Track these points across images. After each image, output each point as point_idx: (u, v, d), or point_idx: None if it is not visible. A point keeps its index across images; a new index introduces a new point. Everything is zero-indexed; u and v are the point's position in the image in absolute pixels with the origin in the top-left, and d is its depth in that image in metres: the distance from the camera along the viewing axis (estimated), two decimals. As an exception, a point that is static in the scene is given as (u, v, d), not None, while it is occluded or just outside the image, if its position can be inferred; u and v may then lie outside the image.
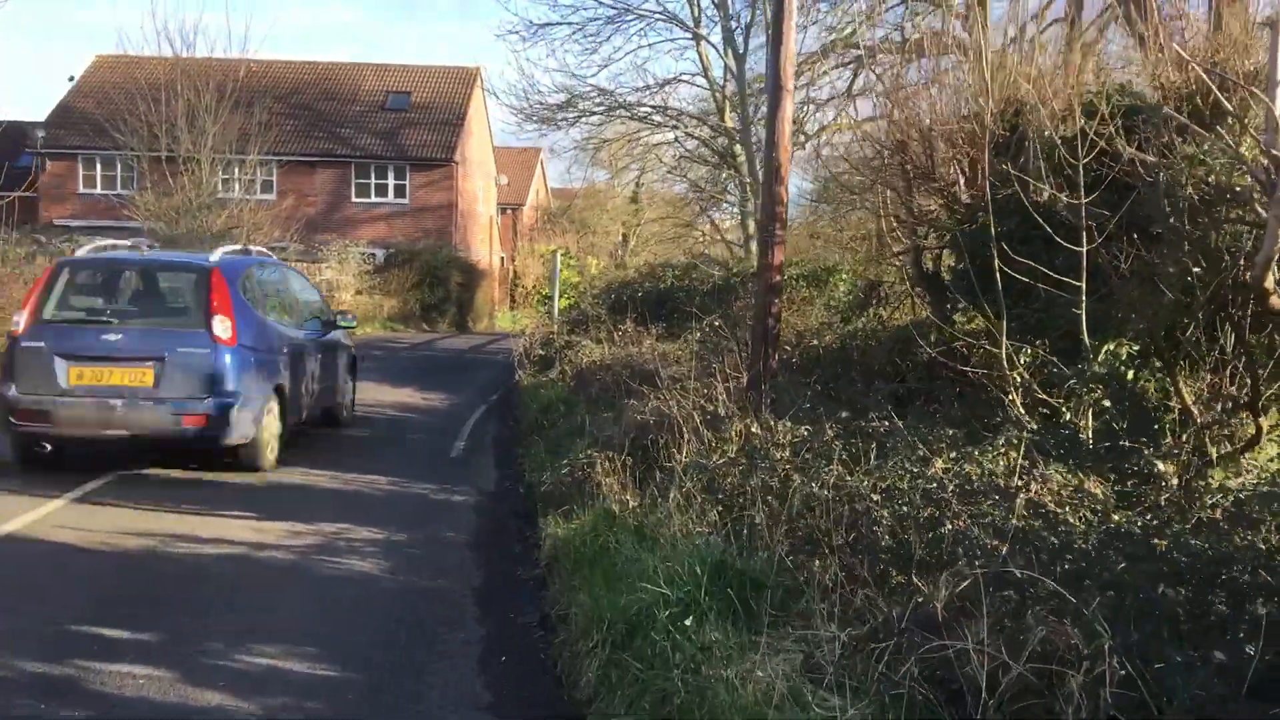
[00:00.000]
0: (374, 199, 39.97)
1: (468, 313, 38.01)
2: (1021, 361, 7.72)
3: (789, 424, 7.35)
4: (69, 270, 9.93)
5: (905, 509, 5.57)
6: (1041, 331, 7.89)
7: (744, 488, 6.45)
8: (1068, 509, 5.26)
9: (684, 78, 22.03)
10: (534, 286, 52.54)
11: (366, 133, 40.61)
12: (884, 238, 11.66)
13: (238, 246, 12.14)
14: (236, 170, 33.84)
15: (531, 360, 16.47)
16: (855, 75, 21.57)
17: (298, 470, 10.03)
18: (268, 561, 6.91)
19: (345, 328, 12.93)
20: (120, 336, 9.33)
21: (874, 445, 6.61)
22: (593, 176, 72.04)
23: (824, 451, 6.62)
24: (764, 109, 20.50)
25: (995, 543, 4.82)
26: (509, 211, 55.29)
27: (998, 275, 7.58)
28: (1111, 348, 7.46)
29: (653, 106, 19.85)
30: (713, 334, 16.25)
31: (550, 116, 20.21)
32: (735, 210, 24.58)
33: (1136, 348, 7.51)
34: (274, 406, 9.94)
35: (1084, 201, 7.02)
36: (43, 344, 9.13)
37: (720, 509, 6.33)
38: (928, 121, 10.31)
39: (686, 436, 8.62)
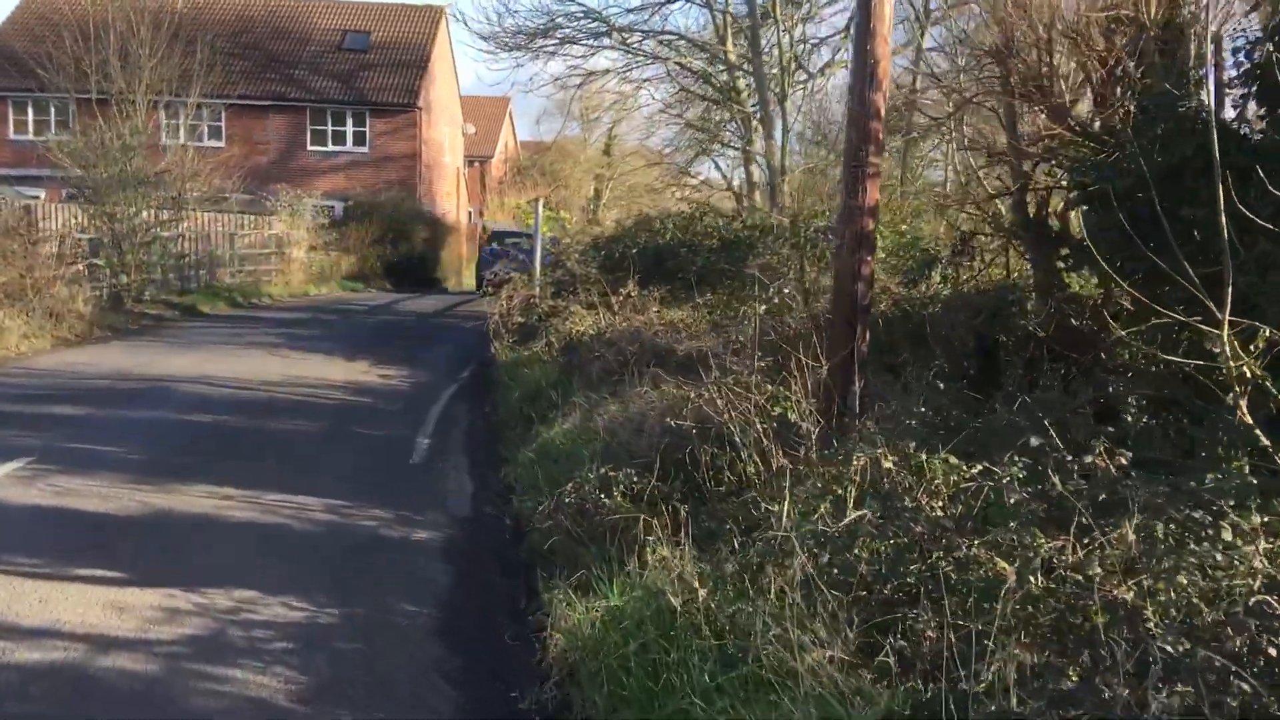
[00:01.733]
0: (331, 147, 36.88)
1: (434, 270, 35.13)
2: (1259, 346, 5.12)
3: (935, 456, 4.74)
4: None
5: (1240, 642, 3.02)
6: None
7: (896, 572, 3.86)
8: None
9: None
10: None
11: (322, 75, 37.42)
12: (969, 175, 9.08)
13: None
14: (181, 114, 30.63)
15: (509, 329, 13.79)
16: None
17: (201, 487, 7.38)
18: (107, 680, 4.28)
19: None
20: None
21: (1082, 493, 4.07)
22: (566, 128, 69.26)
23: (1011, 511, 4.03)
24: (775, 36, 17.79)
25: None
26: (476, 164, 52.24)
27: (1164, 225, 5.01)
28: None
29: (645, 32, 17.15)
30: (728, 297, 13.65)
31: (527, 44, 17.39)
32: (736, 155, 21.90)
33: None
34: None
35: None
36: None
37: (857, 610, 3.75)
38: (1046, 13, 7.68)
39: (747, 454, 6.05)
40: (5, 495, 7.00)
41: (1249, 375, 4.63)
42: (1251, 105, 6.61)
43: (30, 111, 37.04)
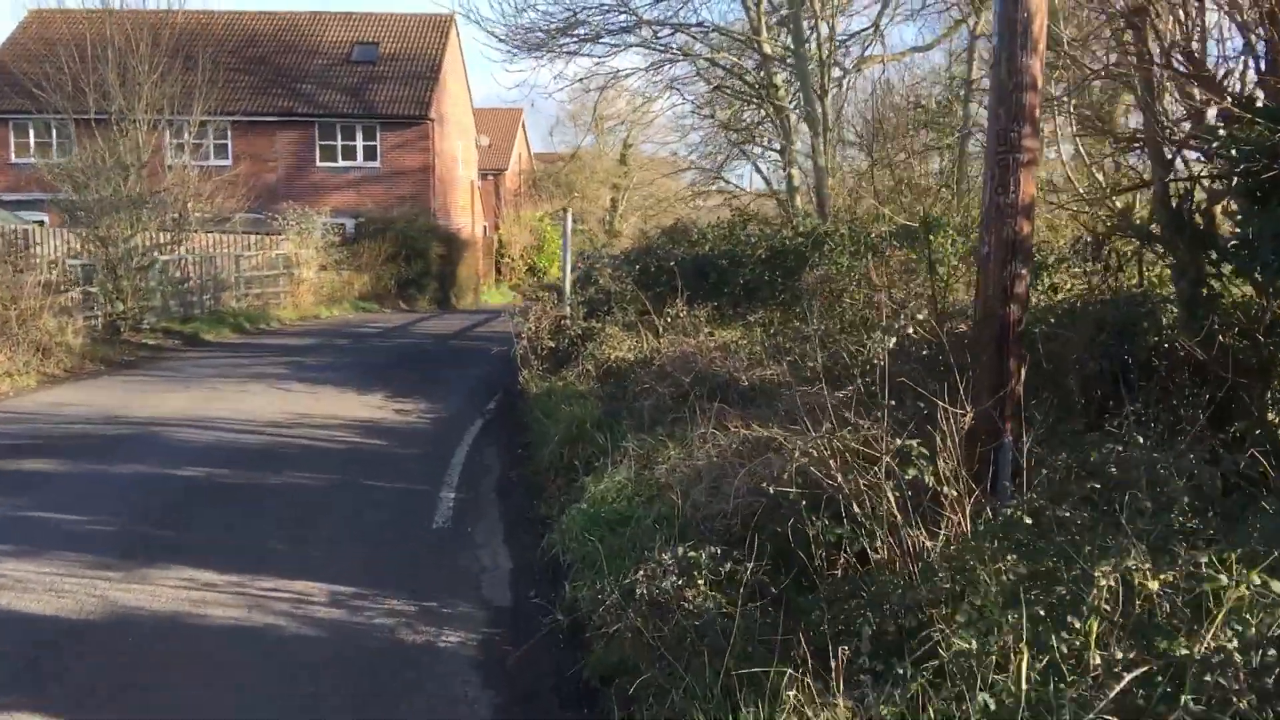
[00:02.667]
0: (341, 162, 35.68)
1: (450, 288, 33.79)
2: None
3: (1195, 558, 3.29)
4: None
5: None
6: None
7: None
8: None
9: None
10: (521, 257, 48.38)
11: (331, 89, 36.27)
12: (1086, 165, 7.61)
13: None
14: (186, 133, 29.45)
15: (539, 354, 12.36)
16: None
17: (178, 572, 5.98)
18: None
19: None
20: None
21: None
22: (582, 137, 68.13)
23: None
24: (815, 24, 16.37)
25: None
26: (490, 177, 50.96)
27: None
28: None
29: (676, 25, 15.65)
30: (781, 313, 12.20)
31: (547, 42, 16.00)
32: (772, 159, 20.44)
33: None
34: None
35: None
36: None
37: None
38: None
39: (880, 539, 4.61)
40: (-68, 591, 5.62)
41: None
42: None
43: (31, 134, 36.02)
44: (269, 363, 16.07)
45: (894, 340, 4.70)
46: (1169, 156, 6.95)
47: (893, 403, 4.83)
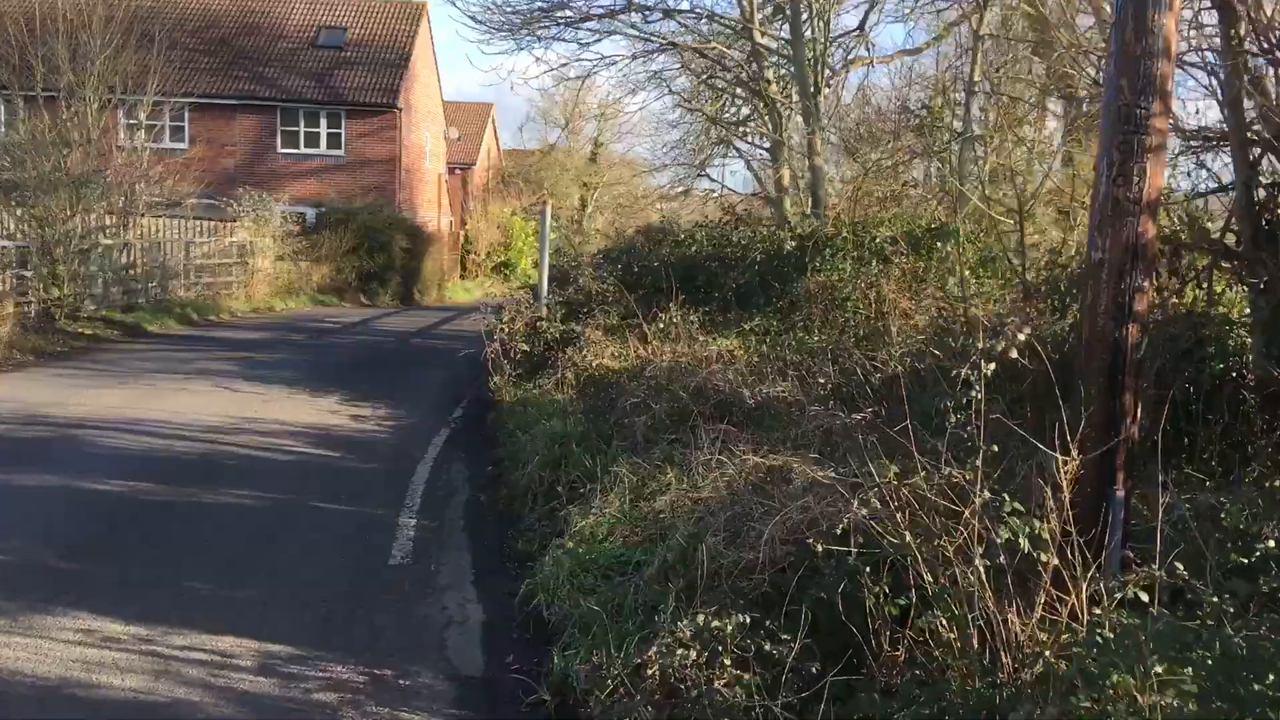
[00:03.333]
0: (304, 150, 34.34)
1: (414, 283, 32.53)
2: None
3: None
4: None
5: None
6: None
7: None
8: None
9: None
10: (488, 253, 47.16)
11: (295, 73, 34.93)
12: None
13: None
14: (141, 113, 28.03)
15: (512, 358, 11.29)
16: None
17: (77, 620, 4.89)
18: None
19: None
20: None
21: None
22: (550, 135, 67.07)
23: None
24: (811, 19, 15.43)
25: None
26: (457, 171, 49.72)
27: None
28: None
29: (666, 9, 14.64)
30: (779, 325, 11.20)
31: (527, 23, 14.92)
32: (759, 157, 19.44)
33: None
34: None
35: None
36: None
37: None
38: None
39: (958, 616, 3.63)
40: None
41: None
42: None
43: (-19, 111, 34.44)
44: (216, 358, 14.86)
45: (990, 365, 3.71)
46: (1252, 158, 6.04)
47: (994, 448, 3.81)
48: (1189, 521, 4.04)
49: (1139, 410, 3.92)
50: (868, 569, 3.97)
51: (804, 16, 14.62)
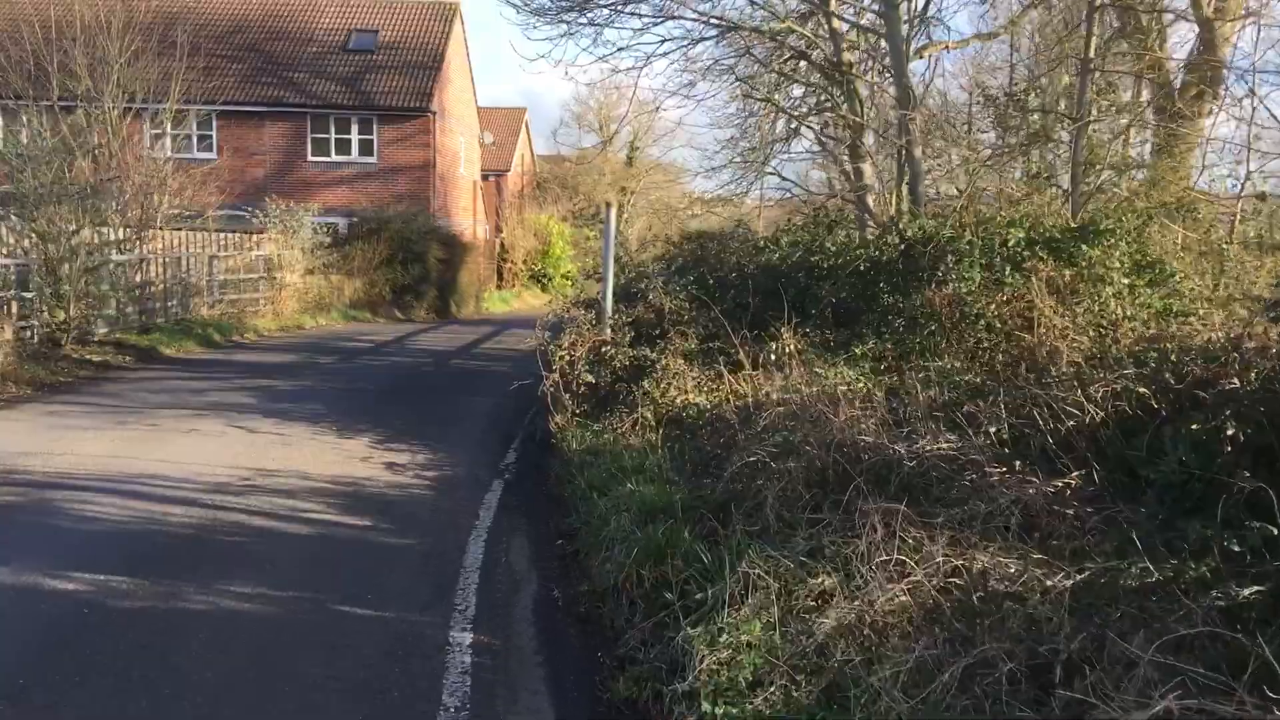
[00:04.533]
0: (334, 157, 32.92)
1: (450, 295, 30.89)
2: None
3: None
4: None
5: None
6: None
7: None
8: None
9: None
10: (525, 261, 45.51)
11: (325, 78, 33.54)
12: None
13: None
14: (165, 121, 26.61)
15: (575, 392, 9.49)
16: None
17: None
18: None
19: None
20: None
21: None
22: (583, 139, 65.54)
23: None
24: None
25: None
26: (491, 178, 48.24)
27: None
28: None
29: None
30: (895, 348, 9.31)
31: (579, 4, 13.16)
32: (828, 150, 17.51)
33: None
34: None
35: None
36: None
37: None
38: None
39: None
40: None
41: None
42: None
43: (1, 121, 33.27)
44: (234, 387, 13.18)
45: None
46: None
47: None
48: None
49: None
50: None
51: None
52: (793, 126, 16.03)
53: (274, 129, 32.86)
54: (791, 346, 8.01)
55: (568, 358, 9.59)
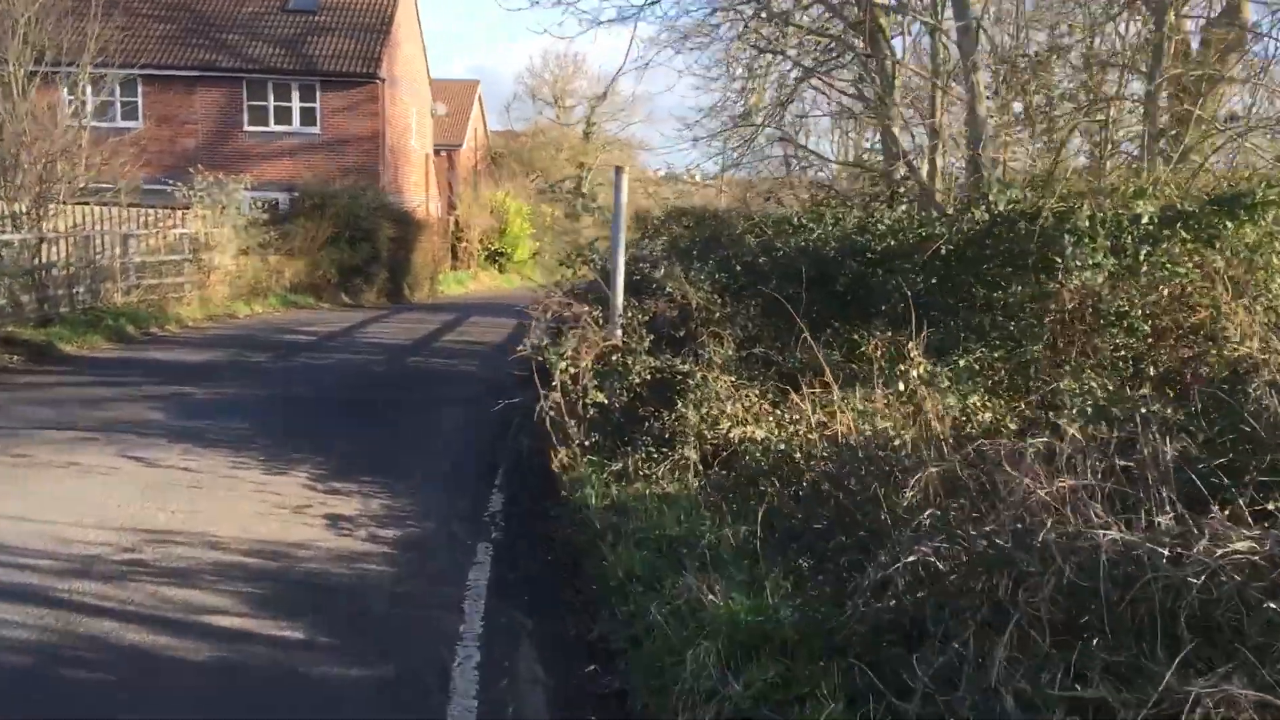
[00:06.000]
0: (274, 127, 30.23)
1: (403, 277, 28.30)
2: None
3: None
4: None
5: None
6: None
7: None
8: None
9: None
10: (481, 241, 42.90)
11: (263, 40, 30.81)
12: None
13: None
14: (83, 89, 23.67)
15: (581, 415, 7.15)
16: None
17: None
18: None
19: None
20: None
21: None
22: (538, 113, 62.95)
23: None
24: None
25: None
26: (443, 153, 45.61)
27: None
28: None
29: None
30: (1004, 357, 7.09)
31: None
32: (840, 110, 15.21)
33: None
34: None
35: None
36: None
37: None
38: None
39: None
40: None
41: None
42: None
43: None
44: (140, 396, 10.68)
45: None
46: None
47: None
48: None
49: None
50: None
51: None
52: (797, 78, 13.66)
53: (206, 96, 30.11)
54: (919, 370, 5.72)
55: (571, 370, 7.24)
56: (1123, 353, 6.78)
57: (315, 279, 24.01)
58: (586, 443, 6.96)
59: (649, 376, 7.26)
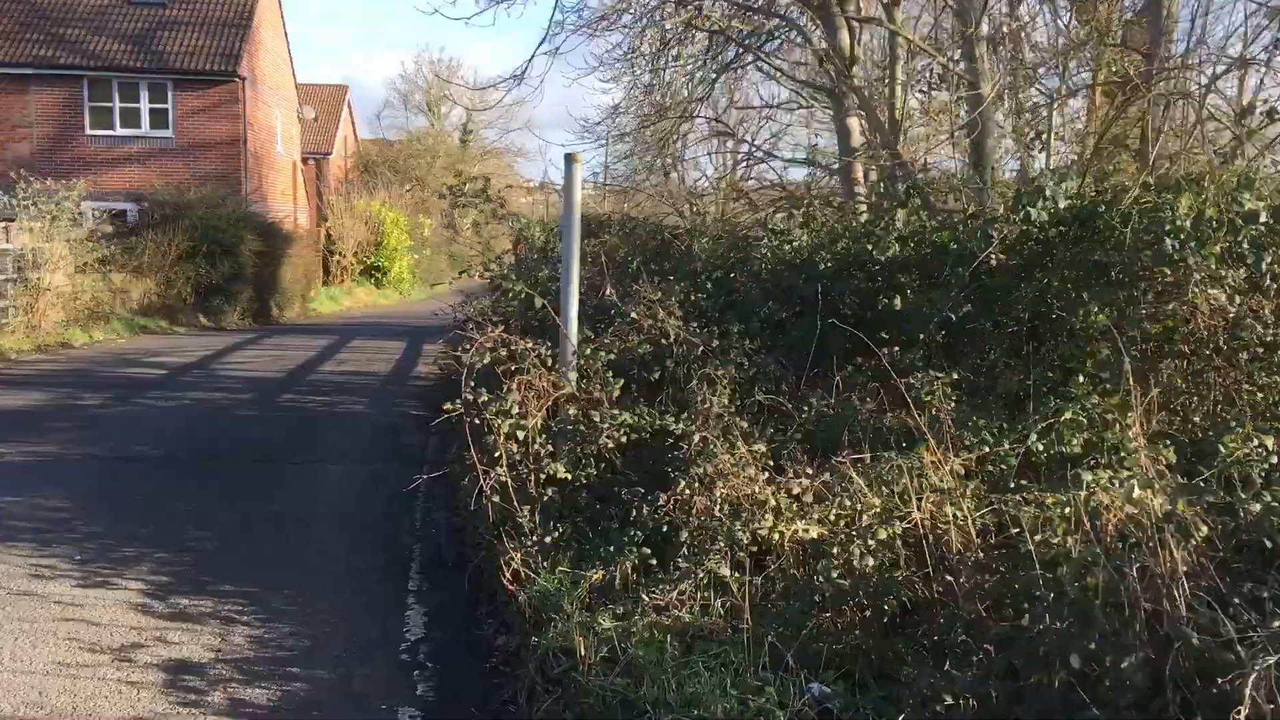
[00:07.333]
0: (120, 130, 27.25)
1: (271, 295, 25.59)
2: None
3: None
4: None
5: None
6: None
7: None
8: None
9: None
10: (356, 254, 40.08)
11: (107, 35, 27.88)
12: None
13: None
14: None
15: (537, 497, 5.11)
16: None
17: None
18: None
19: None
20: None
21: None
22: (409, 121, 60.42)
23: None
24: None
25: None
26: (311, 161, 42.71)
27: None
28: None
29: None
30: (1100, 405, 5.29)
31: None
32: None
33: None
34: None
35: None
36: None
37: None
38: None
39: None
40: None
41: None
42: None
43: None
44: (-76, 463, 8.19)
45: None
46: None
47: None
48: None
49: None
50: None
51: None
52: (727, 62, 11.88)
53: (42, 96, 27.03)
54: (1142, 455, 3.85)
55: (516, 433, 5.18)
56: (1250, 387, 5.12)
57: (169, 299, 21.20)
58: (546, 539, 4.92)
59: (625, 439, 5.27)
